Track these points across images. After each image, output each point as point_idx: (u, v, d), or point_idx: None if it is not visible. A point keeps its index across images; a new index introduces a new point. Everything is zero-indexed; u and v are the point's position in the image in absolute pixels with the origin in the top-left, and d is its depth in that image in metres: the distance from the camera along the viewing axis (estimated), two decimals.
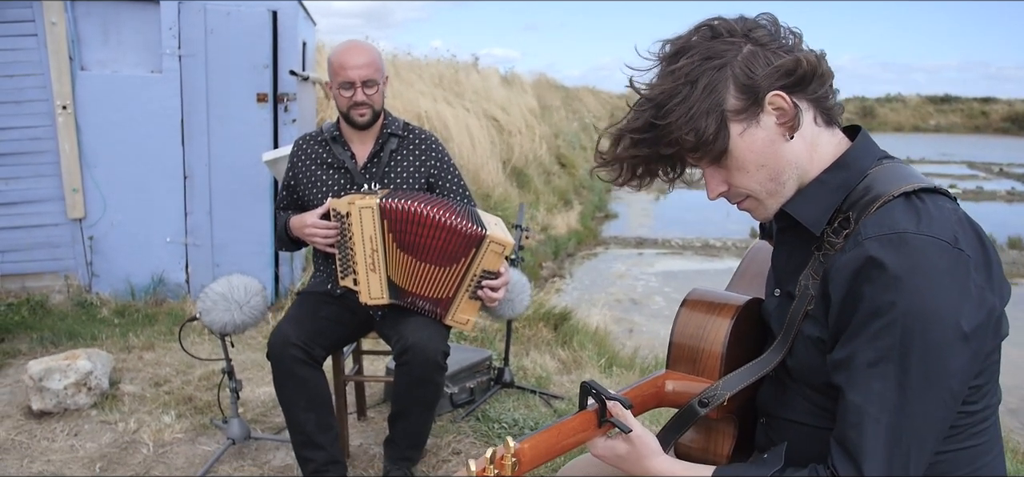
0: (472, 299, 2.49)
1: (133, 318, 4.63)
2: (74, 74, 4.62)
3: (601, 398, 1.17)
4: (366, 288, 2.51)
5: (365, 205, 2.44)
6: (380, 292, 2.52)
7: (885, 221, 1.11)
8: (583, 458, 1.54)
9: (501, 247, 2.43)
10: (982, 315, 1.09)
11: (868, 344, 1.10)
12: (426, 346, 2.42)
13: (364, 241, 2.46)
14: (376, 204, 2.43)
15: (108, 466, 2.93)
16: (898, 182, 1.16)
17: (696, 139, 1.15)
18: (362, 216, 2.44)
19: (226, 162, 4.81)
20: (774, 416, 1.31)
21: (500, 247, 2.43)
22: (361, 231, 2.46)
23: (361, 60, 2.58)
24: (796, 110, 1.17)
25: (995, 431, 1.24)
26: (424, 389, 2.49)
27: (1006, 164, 21.87)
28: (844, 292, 1.12)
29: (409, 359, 2.44)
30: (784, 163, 1.20)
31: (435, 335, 2.47)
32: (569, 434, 1.15)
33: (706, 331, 1.30)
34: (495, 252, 2.42)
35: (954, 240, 1.09)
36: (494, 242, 2.41)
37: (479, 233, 2.40)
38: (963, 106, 41.87)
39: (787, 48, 1.19)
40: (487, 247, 2.41)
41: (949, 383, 1.09)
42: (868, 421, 1.09)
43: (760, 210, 1.26)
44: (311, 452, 2.54)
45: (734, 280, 1.52)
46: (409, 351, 2.43)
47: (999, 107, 40.76)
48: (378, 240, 2.46)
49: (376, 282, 2.51)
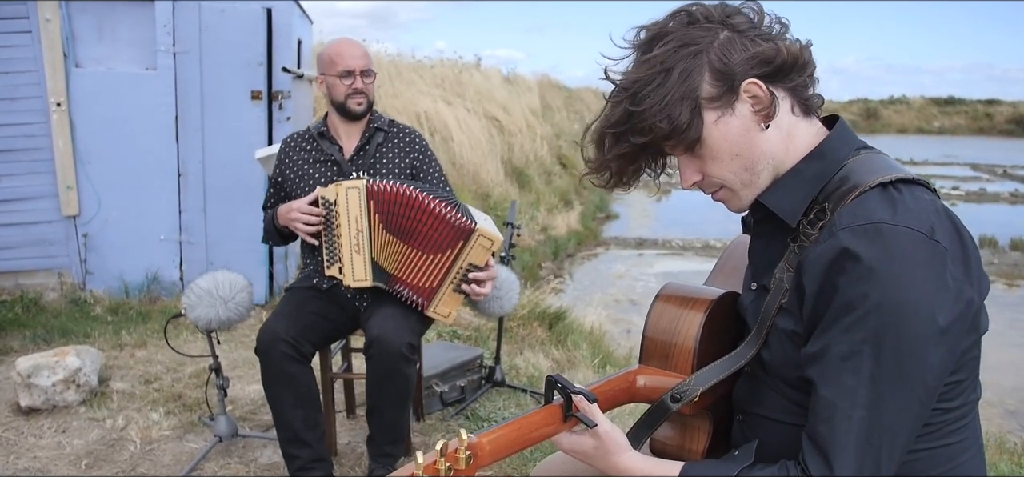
0: (456, 292, 2.49)
1: (127, 316, 4.62)
2: (68, 71, 4.61)
3: (566, 392, 1.15)
4: (350, 270, 2.51)
5: (351, 186, 2.46)
6: (364, 274, 2.51)
7: (860, 211, 1.08)
8: (557, 456, 1.51)
9: (490, 242, 2.42)
10: (959, 308, 1.06)
11: (841, 337, 1.07)
12: (391, 338, 2.40)
13: (350, 222, 2.47)
14: (363, 185, 2.45)
15: (94, 463, 2.91)
16: (875, 172, 1.13)
17: (669, 127, 1.13)
18: (348, 197, 2.46)
19: (220, 160, 4.80)
20: (749, 413, 1.29)
21: (489, 242, 2.42)
22: (347, 212, 2.47)
23: (358, 51, 2.67)
24: (772, 99, 1.15)
25: (973, 429, 1.21)
26: (392, 382, 2.47)
27: (1010, 166, 21.75)
28: (818, 284, 1.09)
29: (375, 352, 2.43)
30: (759, 153, 1.18)
31: (401, 326, 2.45)
32: (532, 428, 1.13)
33: (679, 325, 1.27)
34: (483, 246, 2.41)
35: (931, 231, 1.06)
36: (483, 236, 2.40)
37: (469, 225, 2.40)
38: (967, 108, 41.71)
39: (767, 36, 1.17)
40: (475, 240, 2.40)
41: (924, 378, 1.06)
42: (839, 416, 1.07)
43: (734, 201, 1.23)
44: (297, 449, 2.52)
45: (712, 275, 1.50)
46: (374, 344, 2.43)
47: (1003, 109, 40.59)
48: (363, 221, 2.47)
49: (360, 263, 2.50)
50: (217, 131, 4.77)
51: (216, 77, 4.72)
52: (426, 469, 0.97)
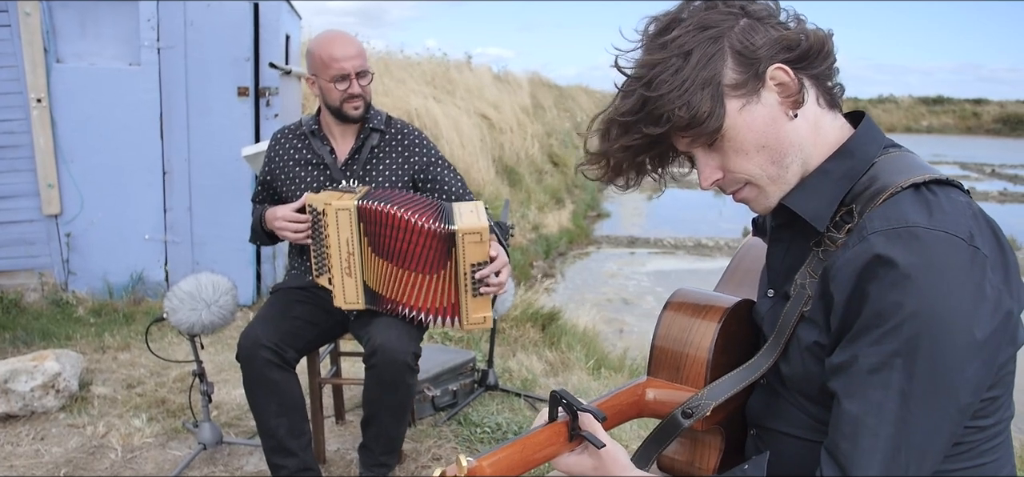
0: (477, 296, 2.28)
1: (110, 317, 4.50)
2: (49, 67, 4.49)
3: (573, 409, 1.06)
4: (341, 293, 2.37)
5: (342, 206, 2.28)
6: (356, 297, 2.38)
7: (893, 214, 1.00)
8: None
9: (477, 235, 2.21)
10: (998, 320, 0.98)
11: (870, 349, 0.98)
12: (395, 348, 2.29)
13: (340, 243, 2.32)
14: (353, 206, 2.28)
15: (74, 471, 2.81)
16: (907, 172, 1.05)
17: (689, 115, 1.03)
18: (338, 218, 2.29)
19: (206, 157, 4.69)
20: (765, 427, 1.20)
21: (476, 236, 2.21)
22: (337, 233, 2.31)
23: (352, 51, 2.46)
24: (800, 85, 1.07)
25: (1007, 448, 1.13)
26: (394, 392, 2.36)
27: (998, 165, 21.86)
28: (848, 292, 1.01)
29: (377, 362, 2.31)
30: (787, 144, 1.09)
31: (404, 336, 2.33)
32: (536, 448, 1.04)
33: (691, 335, 1.19)
34: (473, 242, 2.22)
35: (970, 237, 0.98)
36: (466, 233, 2.21)
37: (447, 230, 2.21)
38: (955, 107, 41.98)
39: (786, 25, 1.10)
40: (462, 241, 2.22)
41: (958, 395, 0.98)
42: (865, 432, 0.99)
43: (761, 199, 1.14)
44: (283, 458, 2.42)
45: (723, 280, 1.42)
46: (377, 353, 2.30)
47: (991, 108, 40.89)
48: (355, 243, 2.31)
49: (352, 287, 2.36)
50: (203, 128, 4.66)
51: (202, 73, 4.61)
52: None
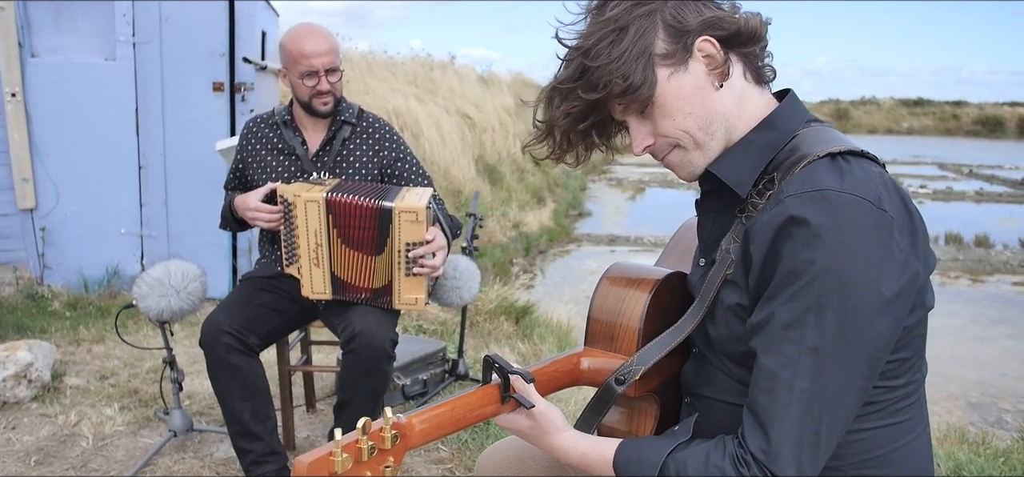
0: (409, 276, 2.39)
1: (85, 311, 4.51)
2: (24, 61, 4.50)
3: (504, 372, 1.12)
4: (309, 283, 2.44)
5: (311, 198, 2.34)
6: (323, 288, 2.45)
7: (808, 179, 1.07)
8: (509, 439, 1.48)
9: (413, 214, 2.30)
10: (904, 280, 1.04)
11: (785, 306, 1.04)
12: (374, 333, 2.35)
13: (309, 234, 2.38)
14: (322, 198, 2.34)
15: (44, 459, 2.83)
16: (824, 143, 1.11)
17: (624, 84, 1.12)
18: (307, 210, 2.35)
19: (182, 152, 4.71)
20: (697, 394, 1.26)
21: (412, 214, 2.30)
22: (306, 224, 2.37)
23: (323, 47, 2.48)
24: (726, 57, 1.14)
25: (919, 410, 1.19)
26: (371, 378, 2.41)
27: (975, 165, 22.14)
28: (764, 252, 1.07)
29: (356, 347, 2.36)
30: (712, 113, 1.16)
31: (383, 322, 2.40)
32: (467, 409, 1.09)
33: (624, 306, 1.25)
34: (409, 221, 2.31)
35: (878, 200, 1.04)
36: (403, 212, 2.30)
37: (385, 207, 2.30)
38: (935, 109, 42.38)
39: (720, 6, 1.17)
40: (398, 219, 2.31)
41: (867, 349, 1.04)
42: (780, 386, 1.04)
43: (687, 164, 1.21)
44: (248, 443, 2.46)
45: (663, 256, 1.48)
46: (357, 338, 2.36)
47: (970, 110, 41.36)
48: (322, 235, 2.38)
49: (320, 277, 2.43)
50: (178, 123, 4.68)
51: (177, 68, 4.63)
52: (346, 448, 0.92)
